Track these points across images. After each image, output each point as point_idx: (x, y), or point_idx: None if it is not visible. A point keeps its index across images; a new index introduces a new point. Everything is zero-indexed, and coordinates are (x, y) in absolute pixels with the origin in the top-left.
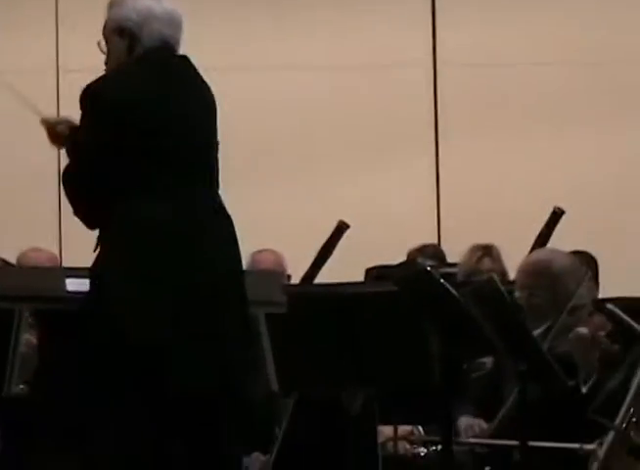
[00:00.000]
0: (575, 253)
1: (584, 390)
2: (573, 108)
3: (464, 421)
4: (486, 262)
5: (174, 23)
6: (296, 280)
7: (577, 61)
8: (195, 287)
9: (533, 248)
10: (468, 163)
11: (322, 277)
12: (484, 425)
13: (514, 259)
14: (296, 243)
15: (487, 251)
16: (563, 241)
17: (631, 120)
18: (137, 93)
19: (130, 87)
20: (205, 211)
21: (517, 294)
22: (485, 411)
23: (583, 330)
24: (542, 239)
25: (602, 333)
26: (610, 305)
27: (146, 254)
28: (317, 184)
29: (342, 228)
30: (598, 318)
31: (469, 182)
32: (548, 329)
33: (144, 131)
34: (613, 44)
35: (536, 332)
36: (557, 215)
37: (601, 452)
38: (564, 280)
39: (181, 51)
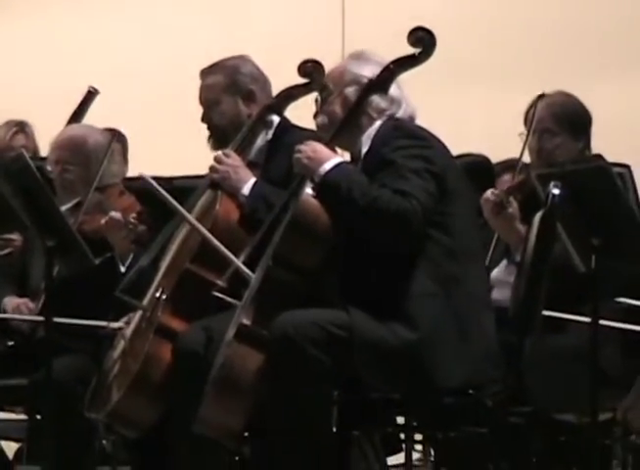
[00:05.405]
0: (108, 130)
1: (122, 269)
2: None
3: (9, 302)
4: (20, 139)
5: None
6: None
7: None
8: None
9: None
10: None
11: None
12: (31, 304)
13: (47, 137)
14: None
15: (21, 127)
16: (97, 121)
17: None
18: None
19: None
20: None
21: (49, 168)
22: (20, 288)
23: (116, 214)
24: (76, 117)
25: (133, 215)
26: (147, 179)
27: None
28: None
29: None
30: (128, 198)
31: None
32: (78, 204)
33: None
34: None
35: (65, 207)
36: (91, 95)
37: (128, 331)
38: (96, 156)
39: None
